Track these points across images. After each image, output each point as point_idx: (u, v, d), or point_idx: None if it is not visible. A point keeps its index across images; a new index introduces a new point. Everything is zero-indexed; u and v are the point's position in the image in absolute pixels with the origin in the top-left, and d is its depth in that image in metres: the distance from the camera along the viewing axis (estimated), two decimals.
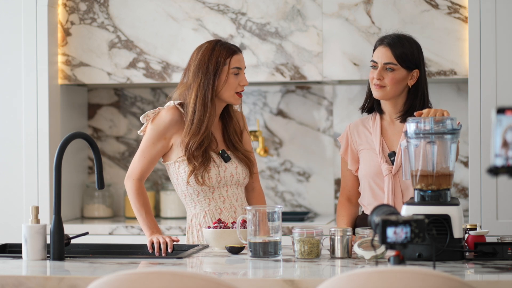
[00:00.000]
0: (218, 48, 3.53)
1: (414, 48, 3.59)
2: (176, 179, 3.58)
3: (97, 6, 4.79)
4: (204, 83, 3.50)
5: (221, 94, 3.53)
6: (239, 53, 3.56)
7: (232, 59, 3.53)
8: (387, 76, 3.53)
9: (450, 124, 3.05)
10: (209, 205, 3.56)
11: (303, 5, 4.63)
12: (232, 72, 3.52)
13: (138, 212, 3.52)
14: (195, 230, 3.58)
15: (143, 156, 3.53)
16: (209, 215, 3.55)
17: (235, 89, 3.53)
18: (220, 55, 3.52)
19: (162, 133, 3.53)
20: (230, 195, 3.58)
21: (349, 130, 3.68)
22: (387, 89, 3.53)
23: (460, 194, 4.89)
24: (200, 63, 3.52)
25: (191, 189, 3.54)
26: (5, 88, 4.70)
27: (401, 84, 3.55)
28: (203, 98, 3.49)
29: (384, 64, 3.53)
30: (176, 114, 3.54)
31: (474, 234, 3.07)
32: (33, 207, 3.13)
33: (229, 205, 3.57)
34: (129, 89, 5.21)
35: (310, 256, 3.03)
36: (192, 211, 3.59)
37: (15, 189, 4.68)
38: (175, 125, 3.53)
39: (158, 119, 3.53)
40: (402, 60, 3.53)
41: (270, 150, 5.08)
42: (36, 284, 2.72)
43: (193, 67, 3.53)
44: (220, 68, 3.51)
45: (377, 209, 2.72)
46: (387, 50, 3.54)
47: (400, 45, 3.55)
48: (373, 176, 3.56)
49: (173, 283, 2.33)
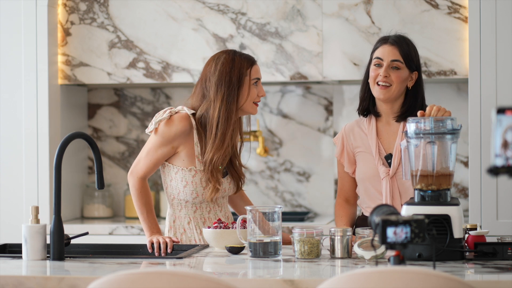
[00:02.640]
0: (238, 58, 3.48)
1: (413, 49, 3.58)
2: (169, 181, 3.55)
3: (97, 6, 4.79)
4: (229, 95, 3.44)
5: (243, 106, 3.49)
6: (257, 64, 3.53)
7: (252, 69, 3.50)
8: (393, 74, 3.50)
9: (450, 124, 3.05)
10: (194, 213, 3.54)
11: (303, 5, 4.63)
12: (252, 83, 3.50)
13: (139, 211, 3.52)
14: (179, 233, 3.55)
15: (148, 157, 3.51)
16: (193, 222, 3.54)
17: (254, 99, 3.50)
18: (241, 66, 3.47)
19: (170, 140, 3.48)
20: (216, 206, 3.57)
21: (344, 132, 3.65)
22: (392, 88, 3.49)
23: (460, 194, 4.89)
24: (222, 75, 3.46)
25: (182, 195, 3.53)
26: (5, 88, 4.70)
27: (404, 84, 3.53)
28: (228, 111, 3.44)
29: (391, 61, 3.50)
30: (188, 125, 3.47)
31: (474, 234, 3.07)
32: (33, 207, 3.13)
33: (214, 215, 3.56)
34: (129, 89, 5.21)
35: (310, 256, 3.03)
36: (176, 213, 3.56)
37: (15, 189, 4.68)
38: (184, 136, 3.48)
39: (171, 125, 3.46)
40: (407, 59, 3.51)
41: (270, 150, 5.08)
42: (36, 284, 2.72)
43: (214, 79, 3.46)
44: (243, 79, 3.47)
45: (377, 209, 2.72)
46: (394, 48, 3.50)
47: (405, 44, 3.53)
48: (370, 179, 3.55)
49: (173, 283, 2.33)
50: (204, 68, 3.54)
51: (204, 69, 3.53)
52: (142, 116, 5.18)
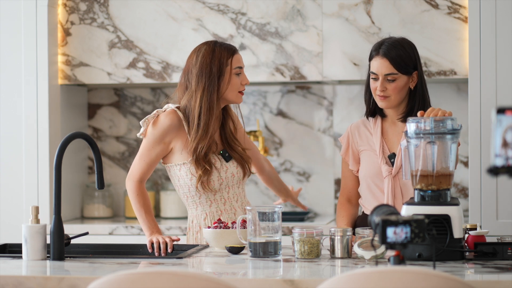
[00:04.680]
0: (218, 49, 3.52)
1: (410, 50, 3.56)
2: (177, 181, 3.58)
3: (97, 6, 4.79)
4: (210, 86, 3.49)
5: (226, 95, 3.53)
6: (238, 52, 3.57)
7: (233, 59, 3.53)
8: (390, 86, 3.52)
9: (450, 124, 3.05)
10: (210, 207, 3.56)
11: (303, 5, 4.63)
12: (234, 72, 3.53)
13: (138, 212, 3.53)
14: (195, 231, 3.58)
15: (142, 160, 3.54)
16: (209, 217, 3.56)
17: (238, 88, 3.54)
18: (221, 56, 3.51)
19: (161, 137, 3.53)
20: (231, 196, 3.59)
21: (350, 130, 3.68)
22: (391, 99, 3.53)
23: (460, 194, 4.89)
24: (203, 66, 3.50)
25: (193, 191, 3.54)
26: (5, 88, 4.70)
27: (404, 90, 3.55)
28: (209, 101, 3.49)
29: (385, 75, 3.52)
30: (175, 119, 3.53)
31: (474, 234, 3.07)
32: (33, 207, 3.13)
33: (229, 207, 3.58)
34: (129, 89, 5.21)
35: (310, 256, 3.03)
36: (193, 212, 3.59)
37: (15, 189, 4.68)
38: (174, 130, 3.53)
39: (157, 124, 3.52)
40: (401, 67, 3.51)
41: (270, 150, 5.08)
42: (36, 284, 2.72)
43: (195, 71, 3.51)
44: (223, 69, 3.50)
45: (377, 209, 2.72)
46: (385, 60, 3.51)
47: (395, 52, 3.51)
48: (373, 177, 3.56)
49: (173, 283, 2.33)
50: (186, 61, 3.58)
51: (187, 61, 3.58)
52: (142, 116, 5.18)
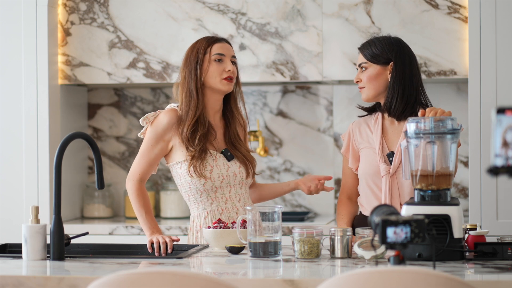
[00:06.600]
0: (200, 41, 3.63)
1: (386, 44, 3.59)
2: (179, 179, 3.59)
3: (97, 6, 4.79)
4: (189, 75, 3.58)
5: (207, 82, 3.58)
6: (222, 42, 3.63)
7: (213, 47, 3.60)
8: (362, 75, 3.61)
9: (450, 124, 3.05)
10: (211, 205, 3.57)
11: (303, 5, 4.63)
12: (214, 59, 3.58)
13: (138, 212, 3.54)
14: (195, 231, 3.58)
15: (142, 159, 3.56)
16: (210, 216, 3.56)
17: (220, 75, 3.58)
18: (200, 46, 3.61)
19: (160, 135, 3.55)
20: (233, 196, 3.59)
21: (351, 128, 3.70)
22: (365, 89, 3.59)
23: (460, 194, 4.89)
24: (185, 58, 3.63)
25: (194, 189, 3.55)
26: (6, 88, 4.70)
27: (378, 80, 3.58)
28: (188, 88, 3.57)
29: (359, 66, 3.62)
30: (174, 116, 3.56)
31: (474, 234, 3.07)
32: (33, 207, 3.13)
33: (231, 206, 3.58)
34: (129, 89, 5.21)
35: (310, 256, 3.03)
36: (195, 211, 3.60)
37: (15, 188, 4.68)
38: (172, 127, 3.56)
39: (157, 122, 3.57)
40: (372, 57, 3.60)
41: (270, 150, 5.08)
42: (36, 284, 2.72)
43: (181, 65, 3.64)
44: (200, 58, 3.58)
45: (377, 209, 2.72)
46: (360, 54, 3.64)
47: (369, 45, 3.62)
48: (372, 176, 3.57)
49: (173, 283, 2.33)
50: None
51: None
52: (142, 116, 5.15)
